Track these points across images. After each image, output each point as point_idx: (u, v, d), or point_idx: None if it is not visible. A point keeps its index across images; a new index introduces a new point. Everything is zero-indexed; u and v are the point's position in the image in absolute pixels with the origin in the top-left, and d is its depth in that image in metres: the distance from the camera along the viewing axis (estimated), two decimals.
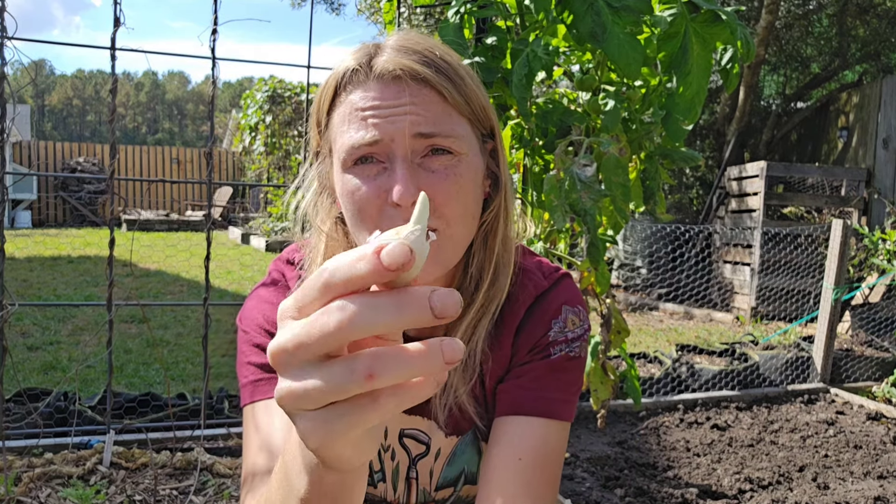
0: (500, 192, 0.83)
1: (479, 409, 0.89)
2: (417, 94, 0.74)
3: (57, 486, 2.14)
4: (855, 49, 8.97)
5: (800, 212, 6.39)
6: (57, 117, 63.76)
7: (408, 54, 0.75)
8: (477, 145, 0.80)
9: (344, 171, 0.77)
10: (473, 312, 0.83)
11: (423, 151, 0.75)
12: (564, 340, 0.87)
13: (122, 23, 2.14)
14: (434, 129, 0.74)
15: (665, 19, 1.47)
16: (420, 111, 0.74)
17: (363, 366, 0.37)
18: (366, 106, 0.74)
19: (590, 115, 1.63)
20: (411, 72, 0.74)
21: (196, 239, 10.68)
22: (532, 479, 0.80)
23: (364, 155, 0.75)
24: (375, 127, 0.73)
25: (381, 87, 0.75)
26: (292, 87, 11.08)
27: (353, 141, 0.74)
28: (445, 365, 0.37)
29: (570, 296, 0.90)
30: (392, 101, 0.74)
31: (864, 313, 4.84)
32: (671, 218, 3.18)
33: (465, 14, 1.54)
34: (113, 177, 2.18)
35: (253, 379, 0.85)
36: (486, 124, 0.82)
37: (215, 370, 3.83)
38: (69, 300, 5.54)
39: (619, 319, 1.92)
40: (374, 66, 0.75)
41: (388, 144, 0.74)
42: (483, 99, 0.80)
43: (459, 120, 0.77)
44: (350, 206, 0.77)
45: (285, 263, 0.93)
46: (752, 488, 2.52)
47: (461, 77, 0.77)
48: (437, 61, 0.76)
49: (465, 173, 0.76)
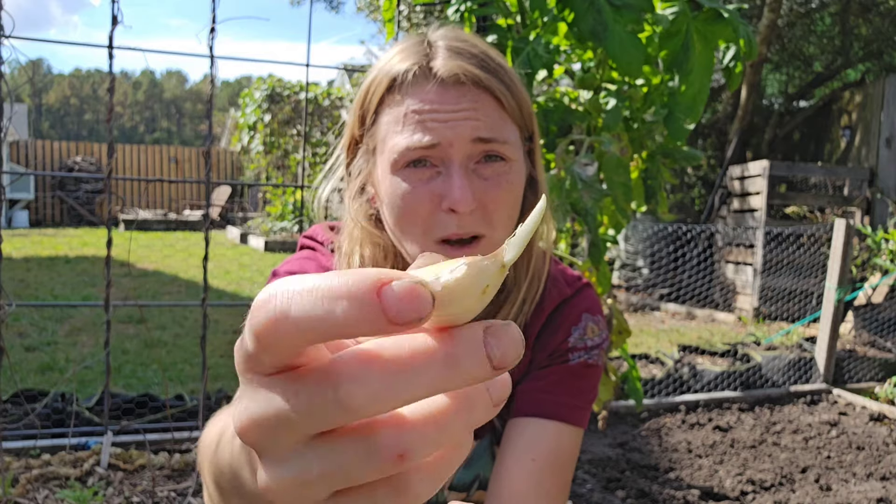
0: (538, 196, 0.84)
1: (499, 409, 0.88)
2: (477, 99, 0.75)
3: (54, 487, 2.13)
4: (858, 48, 8.95)
5: (802, 211, 6.38)
6: (54, 116, 63.79)
7: (465, 57, 0.75)
8: (522, 150, 0.81)
9: (393, 172, 0.76)
10: (511, 313, 0.84)
11: (477, 157, 0.75)
12: (584, 348, 0.88)
13: (119, 21, 2.12)
14: (492, 135, 0.75)
15: (667, 17, 1.45)
16: (480, 116, 0.74)
17: (388, 443, 0.26)
18: (424, 109, 0.74)
19: (591, 114, 1.61)
20: (473, 77, 0.74)
21: (194, 239, 10.68)
22: (544, 481, 0.81)
23: (419, 158, 0.74)
24: (434, 131, 0.73)
25: (440, 90, 0.74)
26: (291, 85, 11.06)
27: (408, 143, 0.74)
28: (494, 409, 0.28)
29: (590, 304, 0.92)
30: (452, 106, 0.74)
31: (867, 314, 4.83)
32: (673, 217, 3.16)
33: (465, 12, 1.52)
34: (110, 176, 2.16)
35: None
36: (530, 128, 0.83)
37: (213, 371, 3.81)
38: (66, 300, 5.53)
39: (620, 320, 1.90)
40: (433, 69, 0.75)
41: (446, 149, 0.74)
42: (529, 103, 0.81)
43: (512, 126, 0.78)
44: (397, 208, 0.76)
45: (312, 240, 0.92)
46: (754, 490, 2.51)
47: (514, 82, 0.78)
48: (494, 66, 0.76)
49: (515, 180, 0.77)
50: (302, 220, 3.17)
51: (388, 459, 0.26)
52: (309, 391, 0.26)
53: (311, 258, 0.89)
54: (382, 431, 0.26)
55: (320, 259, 0.89)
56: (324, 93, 11.10)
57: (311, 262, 0.89)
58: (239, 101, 12.00)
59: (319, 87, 11.57)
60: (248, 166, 12.39)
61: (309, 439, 0.27)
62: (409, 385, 0.25)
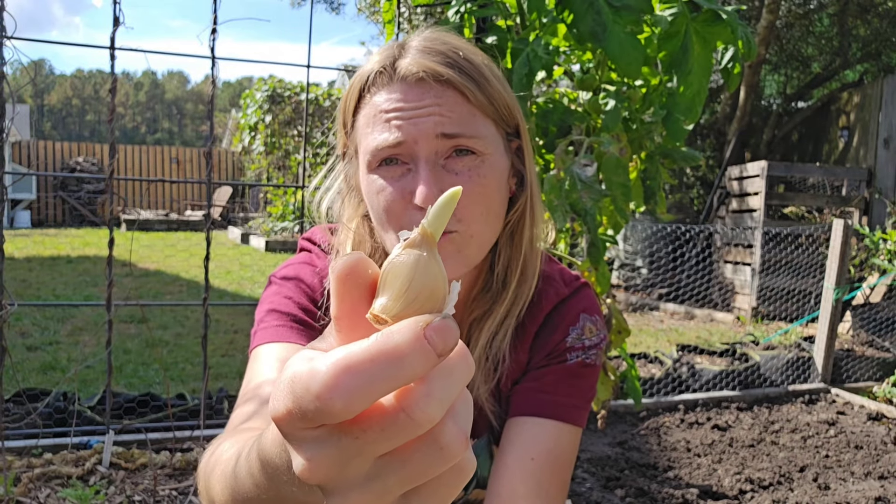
0: (526, 191, 0.84)
1: (497, 408, 0.90)
2: (441, 95, 0.75)
3: (56, 486, 2.14)
4: (856, 48, 8.96)
5: (801, 212, 6.39)
6: (56, 117, 63.77)
7: (431, 55, 0.76)
8: (502, 144, 0.80)
9: (369, 171, 0.78)
10: (502, 310, 0.84)
11: (446, 153, 0.75)
12: (581, 347, 0.89)
13: (121, 22, 2.13)
14: (457, 130, 0.74)
15: (666, 18, 1.46)
16: (443, 112, 0.74)
17: (453, 436, 0.31)
18: (389, 108, 0.75)
19: (590, 115, 1.62)
20: (434, 73, 0.75)
21: (195, 239, 10.68)
22: (543, 480, 0.81)
23: (388, 156, 0.75)
24: (399, 129, 0.74)
25: (404, 88, 0.75)
26: (292, 86, 11.07)
27: (377, 143, 0.75)
28: None
29: (588, 304, 0.92)
30: (415, 103, 0.74)
31: (864, 313, 4.84)
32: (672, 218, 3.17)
33: (465, 13, 1.53)
34: (112, 176, 2.18)
35: (276, 324, 0.83)
36: (511, 123, 0.82)
37: (215, 370, 3.82)
38: (68, 300, 5.54)
39: (619, 319, 1.91)
40: (397, 68, 0.76)
41: (412, 146, 0.74)
42: (508, 98, 0.80)
43: (484, 120, 0.77)
44: (375, 206, 0.78)
45: (310, 242, 0.93)
46: (752, 489, 2.52)
47: (485, 77, 0.77)
48: (461, 62, 0.76)
49: (488, 174, 0.77)
50: (303, 220, 3.17)
51: (460, 450, 0.31)
52: (382, 424, 0.30)
53: (306, 262, 0.90)
54: (444, 429, 0.31)
55: (315, 262, 0.90)
56: (324, 94, 11.10)
57: (307, 267, 0.90)
58: (240, 101, 12.01)
59: (320, 87, 11.58)
60: (249, 167, 12.39)
61: (377, 460, 0.31)
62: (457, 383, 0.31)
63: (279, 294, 0.86)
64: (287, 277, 0.88)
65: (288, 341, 0.81)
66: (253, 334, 0.85)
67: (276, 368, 0.77)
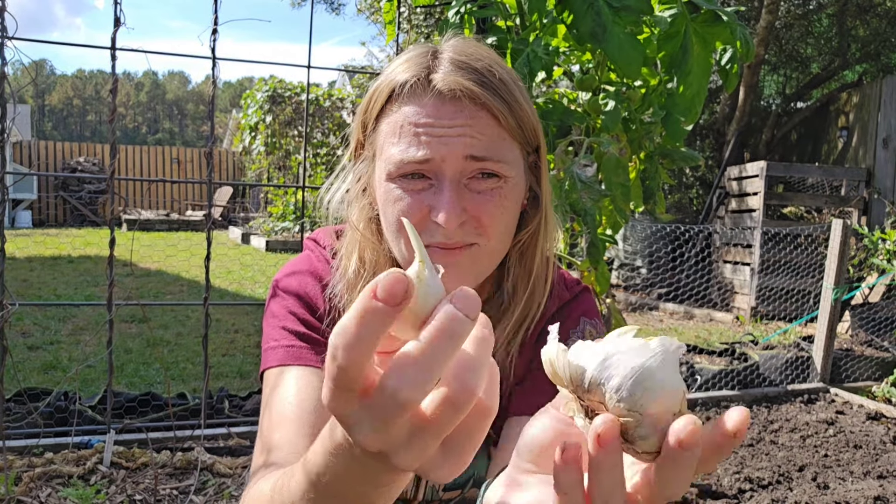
0: (541, 211, 0.84)
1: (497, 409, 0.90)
2: (473, 115, 0.74)
3: (57, 485, 2.14)
4: (855, 49, 8.97)
5: (800, 212, 6.40)
6: (57, 117, 63.78)
7: (466, 72, 0.75)
8: (523, 166, 0.81)
9: (388, 180, 0.77)
10: (510, 326, 0.85)
11: (470, 174, 0.75)
12: None
13: (122, 23, 2.14)
14: (486, 154, 0.74)
15: (665, 19, 1.47)
16: (474, 133, 0.74)
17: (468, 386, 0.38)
18: (420, 122, 0.74)
19: (590, 115, 1.63)
20: (470, 93, 0.74)
21: (196, 239, 10.68)
22: None
23: (413, 171, 0.75)
24: (427, 145, 0.74)
25: (437, 104, 0.74)
26: (292, 86, 11.08)
27: (403, 156, 0.75)
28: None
29: (588, 308, 0.93)
30: (447, 122, 0.74)
31: (863, 313, 4.84)
32: (671, 218, 3.18)
33: (465, 14, 1.54)
34: (113, 177, 2.18)
35: (286, 344, 0.84)
36: (533, 144, 0.82)
37: (215, 370, 3.83)
38: (69, 300, 5.54)
39: (619, 319, 1.92)
40: (432, 82, 0.75)
41: (439, 164, 0.74)
42: (533, 117, 0.80)
43: (511, 144, 0.78)
44: (389, 214, 0.78)
45: (314, 242, 0.94)
46: (751, 488, 2.52)
47: (517, 100, 0.77)
48: (496, 83, 0.76)
49: (509, 195, 0.77)
50: (303, 220, 3.18)
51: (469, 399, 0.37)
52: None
53: (310, 270, 0.91)
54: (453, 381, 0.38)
55: (314, 262, 0.91)
56: (325, 94, 11.12)
57: (310, 277, 0.91)
58: (241, 102, 12.02)
59: (320, 88, 11.60)
60: (249, 167, 12.40)
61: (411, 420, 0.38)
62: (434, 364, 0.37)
63: (285, 308, 0.87)
64: (290, 290, 0.89)
65: (303, 364, 0.82)
66: (264, 350, 0.86)
67: (296, 404, 0.79)
